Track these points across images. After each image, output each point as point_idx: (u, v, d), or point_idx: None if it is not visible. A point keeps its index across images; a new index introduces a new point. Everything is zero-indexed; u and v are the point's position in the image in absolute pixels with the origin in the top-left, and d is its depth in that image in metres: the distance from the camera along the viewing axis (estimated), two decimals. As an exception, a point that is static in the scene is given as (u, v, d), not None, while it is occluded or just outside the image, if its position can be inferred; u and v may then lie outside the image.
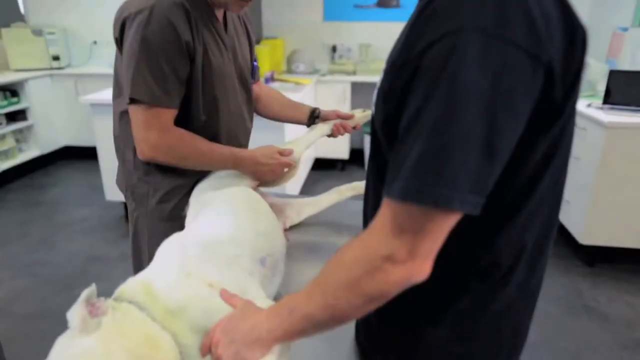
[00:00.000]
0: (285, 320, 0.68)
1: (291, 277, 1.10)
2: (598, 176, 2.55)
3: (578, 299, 2.45)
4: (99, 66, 4.46)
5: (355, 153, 4.46)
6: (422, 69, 0.54)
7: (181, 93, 1.13)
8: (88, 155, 4.29)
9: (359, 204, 0.85)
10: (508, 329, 0.73)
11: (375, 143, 0.71)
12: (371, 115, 0.71)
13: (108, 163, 3.17)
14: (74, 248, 2.96)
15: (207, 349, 0.75)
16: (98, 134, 3.11)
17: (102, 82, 3.90)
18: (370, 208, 0.76)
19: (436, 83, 0.52)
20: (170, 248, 0.91)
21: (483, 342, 0.72)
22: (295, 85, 3.75)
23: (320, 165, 4.25)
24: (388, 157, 0.61)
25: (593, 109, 2.70)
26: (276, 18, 4.48)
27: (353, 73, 4.22)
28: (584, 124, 2.69)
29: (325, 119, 1.42)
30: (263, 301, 0.83)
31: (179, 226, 1.09)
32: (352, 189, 1.39)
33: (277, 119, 1.52)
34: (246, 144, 1.39)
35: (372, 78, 4.01)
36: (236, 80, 1.27)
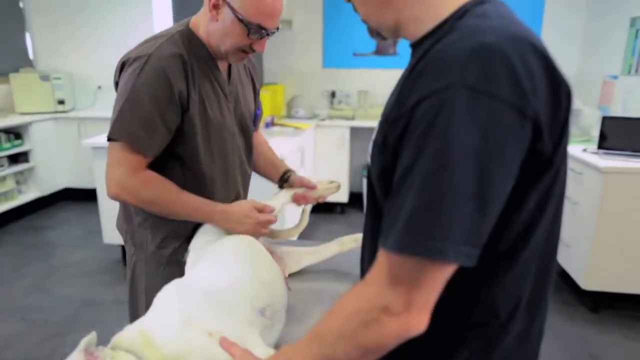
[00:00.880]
0: (283, 371, 0.66)
1: (290, 325, 1.08)
2: (598, 221, 2.56)
3: (584, 347, 2.39)
4: (103, 110, 4.54)
5: (354, 197, 4.48)
6: (413, 124, 0.56)
7: (165, 141, 1.14)
8: (87, 197, 4.30)
9: (359, 252, 0.84)
10: (511, 381, 0.72)
11: (371, 194, 0.73)
12: (367, 168, 0.72)
13: (107, 205, 3.18)
14: (69, 292, 2.91)
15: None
16: (98, 176, 3.13)
17: (105, 126, 3.91)
18: (367, 256, 0.76)
19: (426, 137, 0.54)
20: (169, 295, 0.90)
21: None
22: (294, 129, 3.81)
23: (319, 208, 4.24)
24: (384, 208, 0.62)
25: (588, 154, 2.75)
26: (277, 64, 4.60)
27: (352, 118, 4.30)
28: (581, 169, 2.73)
29: (291, 185, 1.37)
30: (263, 350, 0.82)
31: (178, 272, 1.08)
32: (354, 241, 1.36)
33: (258, 173, 1.49)
34: (245, 189, 1.40)
35: (371, 123, 4.09)
36: (236, 127, 1.29)
